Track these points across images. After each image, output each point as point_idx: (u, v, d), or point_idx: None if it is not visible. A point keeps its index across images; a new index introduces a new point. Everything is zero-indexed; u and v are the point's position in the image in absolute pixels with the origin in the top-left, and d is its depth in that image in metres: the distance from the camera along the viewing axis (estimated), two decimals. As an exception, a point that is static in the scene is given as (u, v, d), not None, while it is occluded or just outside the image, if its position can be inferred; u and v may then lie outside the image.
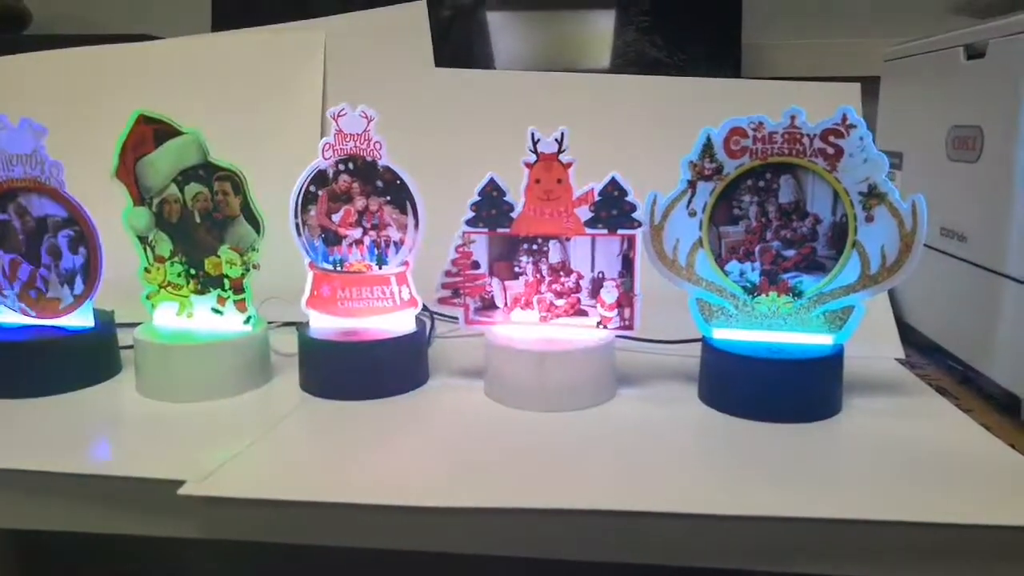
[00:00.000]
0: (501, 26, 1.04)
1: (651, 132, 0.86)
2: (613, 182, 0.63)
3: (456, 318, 0.68)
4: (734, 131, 0.61)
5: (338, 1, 0.99)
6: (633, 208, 0.63)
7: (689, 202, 0.63)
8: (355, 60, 0.96)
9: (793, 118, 0.60)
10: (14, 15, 1.16)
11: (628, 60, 0.97)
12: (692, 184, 0.63)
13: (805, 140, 0.60)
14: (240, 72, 0.96)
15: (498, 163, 0.66)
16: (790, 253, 0.62)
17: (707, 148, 0.62)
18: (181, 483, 0.50)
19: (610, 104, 0.88)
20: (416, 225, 0.66)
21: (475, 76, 0.94)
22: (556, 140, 0.63)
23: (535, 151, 0.64)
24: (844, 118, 0.59)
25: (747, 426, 0.59)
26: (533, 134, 0.63)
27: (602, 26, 1.00)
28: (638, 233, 0.63)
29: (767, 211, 0.62)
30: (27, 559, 1.05)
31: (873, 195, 0.59)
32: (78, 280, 0.68)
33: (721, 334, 0.64)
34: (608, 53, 0.98)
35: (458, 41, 1.02)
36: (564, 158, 0.63)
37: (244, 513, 0.50)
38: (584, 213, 0.64)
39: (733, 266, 0.63)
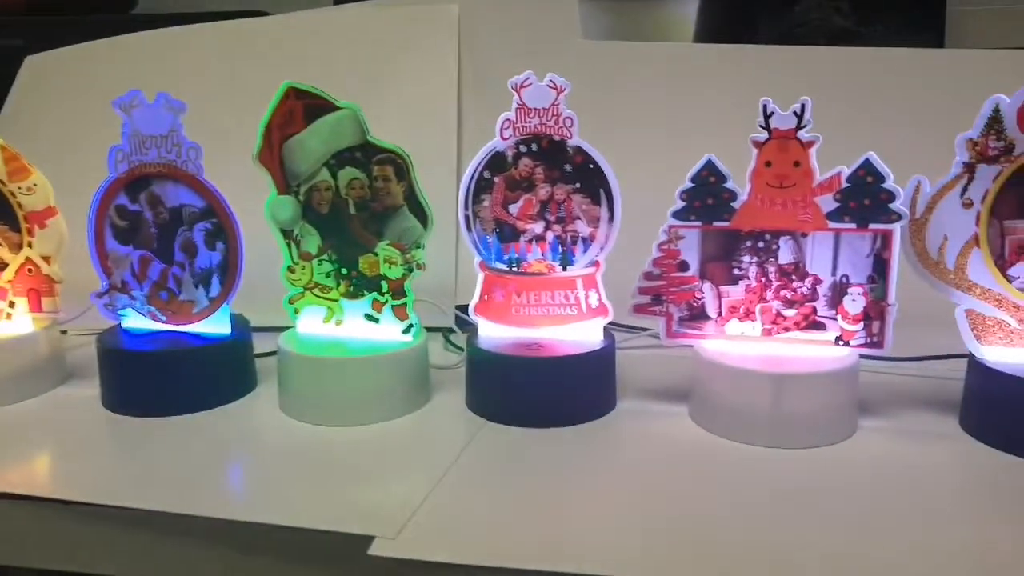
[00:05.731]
0: None
1: (851, 109, 0.73)
2: (867, 164, 0.51)
3: (639, 328, 0.57)
4: (1033, 100, 0.49)
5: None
6: (891, 197, 0.51)
7: (964, 190, 0.51)
8: (492, 33, 0.85)
9: (1116, 82, 0.47)
10: (120, -6, 1.09)
11: (810, 30, 0.84)
12: (970, 168, 0.50)
13: None
14: (365, 49, 0.87)
15: (694, 146, 0.55)
16: (1100, 254, 0.49)
17: (994, 122, 0.49)
18: (370, 539, 0.40)
19: (810, 78, 0.75)
20: (611, 218, 0.55)
21: (637, 48, 0.82)
22: (795, 114, 0.51)
23: (767, 127, 0.52)
24: None
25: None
26: (766, 106, 0.51)
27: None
28: (895, 228, 0.51)
29: (1070, 201, 0.49)
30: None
31: None
32: (214, 280, 0.59)
33: (996, 354, 0.52)
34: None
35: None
36: (804, 136, 0.51)
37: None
38: (827, 203, 0.52)
39: (1019, 269, 0.51)
